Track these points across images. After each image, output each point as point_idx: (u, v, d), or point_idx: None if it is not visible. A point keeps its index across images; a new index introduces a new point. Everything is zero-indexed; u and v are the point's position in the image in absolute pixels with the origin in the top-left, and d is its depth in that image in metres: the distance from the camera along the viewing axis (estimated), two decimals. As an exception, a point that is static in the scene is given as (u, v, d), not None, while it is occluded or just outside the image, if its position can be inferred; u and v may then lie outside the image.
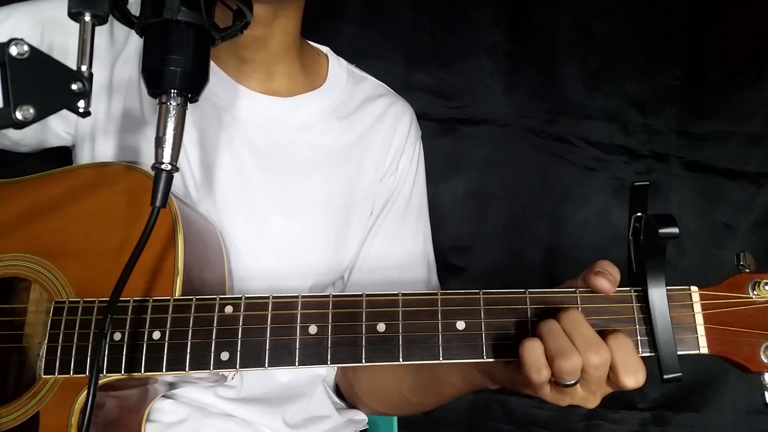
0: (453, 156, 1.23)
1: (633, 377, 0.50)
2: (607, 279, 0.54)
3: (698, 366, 1.24)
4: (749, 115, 1.27)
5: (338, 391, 0.89)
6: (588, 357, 0.49)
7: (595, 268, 0.54)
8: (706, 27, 1.28)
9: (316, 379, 0.83)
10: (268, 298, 0.56)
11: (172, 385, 0.67)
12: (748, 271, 0.56)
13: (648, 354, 0.54)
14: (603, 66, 1.27)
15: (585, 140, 1.26)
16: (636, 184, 0.55)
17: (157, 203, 0.51)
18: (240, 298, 0.56)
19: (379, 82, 0.87)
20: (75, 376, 0.56)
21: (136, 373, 0.55)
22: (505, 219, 1.24)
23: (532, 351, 0.50)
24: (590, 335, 0.51)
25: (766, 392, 0.53)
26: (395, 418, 0.93)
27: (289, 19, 0.73)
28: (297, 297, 0.56)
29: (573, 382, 0.50)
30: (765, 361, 0.53)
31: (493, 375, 0.60)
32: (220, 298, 0.56)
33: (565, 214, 1.25)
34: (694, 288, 0.55)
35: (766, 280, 0.55)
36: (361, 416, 0.87)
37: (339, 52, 0.87)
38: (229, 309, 0.56)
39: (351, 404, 0.87)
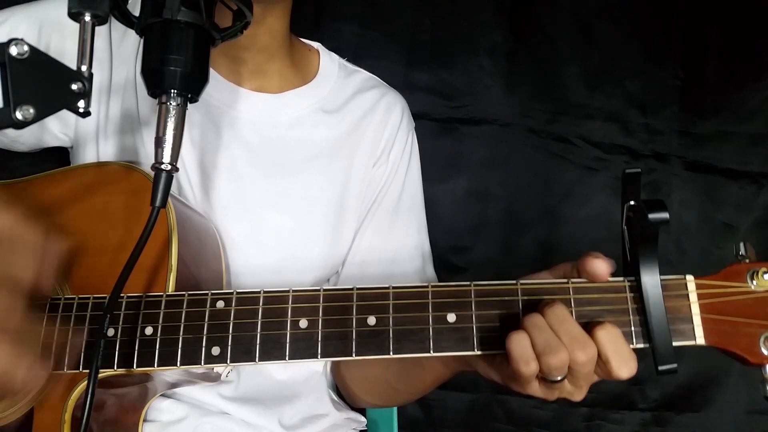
0: (453, 156, 1.23)
1: (626, 368, 0.49)
2: (603, 260, 0.52)
3: (699, 366, 1.24)
4: (750, 115, 1.27)
5: (338, 389, 0.89)
6: (575, 354, 0.48)
7: (591, 254, 0.53)
8: (707, 27, 1.28)
9: (314, 376, 0.83)
10: (259, 292, 0.56)
11: (171, 385, 0.67)
12: (747, 261, 0.53)
13: (642, 345, 0.51)
14: (603, 66, 1.27)
15: (585, 140, 1.26)
16: (628, 171, 0.53)
17: (157, 203, 0.51)
18: (231, 293, 0.56)
19: (370, 74, 0.87)
20: (69, 372, 0.56)
21: (128, 369, 0.55)
22: (506, 219, 1.24)
23: (519, 343, 0.49)
24: (576, 332, 0.49)
25: (766, 385, 0.51)
26: (395, 418, 0.93)
27: (276, 18, 0.74)
28: (288, 291, 0.55)
29: (561, 378, 0.49)
30: (764, 352, 0.50)
31: (473, 363, 0.58)
32: (212, 294, 0.56)
33: (566, 214, 1.25)
34: (689, 277, 0.53)
35: (764, 270, 0.52)
36: (360, 416, 0.87)
37: (339, 52, 0.87)
38: (220, 304, 0.56)
39: (347, 399, 0.87)
